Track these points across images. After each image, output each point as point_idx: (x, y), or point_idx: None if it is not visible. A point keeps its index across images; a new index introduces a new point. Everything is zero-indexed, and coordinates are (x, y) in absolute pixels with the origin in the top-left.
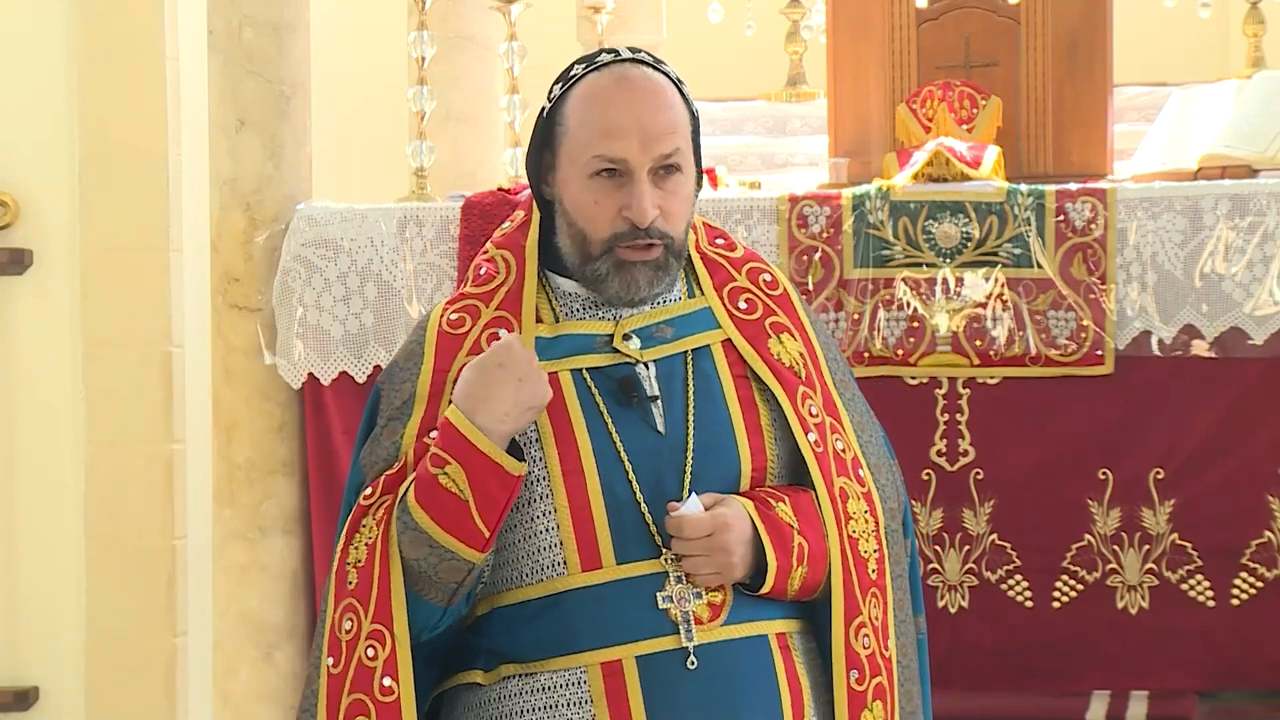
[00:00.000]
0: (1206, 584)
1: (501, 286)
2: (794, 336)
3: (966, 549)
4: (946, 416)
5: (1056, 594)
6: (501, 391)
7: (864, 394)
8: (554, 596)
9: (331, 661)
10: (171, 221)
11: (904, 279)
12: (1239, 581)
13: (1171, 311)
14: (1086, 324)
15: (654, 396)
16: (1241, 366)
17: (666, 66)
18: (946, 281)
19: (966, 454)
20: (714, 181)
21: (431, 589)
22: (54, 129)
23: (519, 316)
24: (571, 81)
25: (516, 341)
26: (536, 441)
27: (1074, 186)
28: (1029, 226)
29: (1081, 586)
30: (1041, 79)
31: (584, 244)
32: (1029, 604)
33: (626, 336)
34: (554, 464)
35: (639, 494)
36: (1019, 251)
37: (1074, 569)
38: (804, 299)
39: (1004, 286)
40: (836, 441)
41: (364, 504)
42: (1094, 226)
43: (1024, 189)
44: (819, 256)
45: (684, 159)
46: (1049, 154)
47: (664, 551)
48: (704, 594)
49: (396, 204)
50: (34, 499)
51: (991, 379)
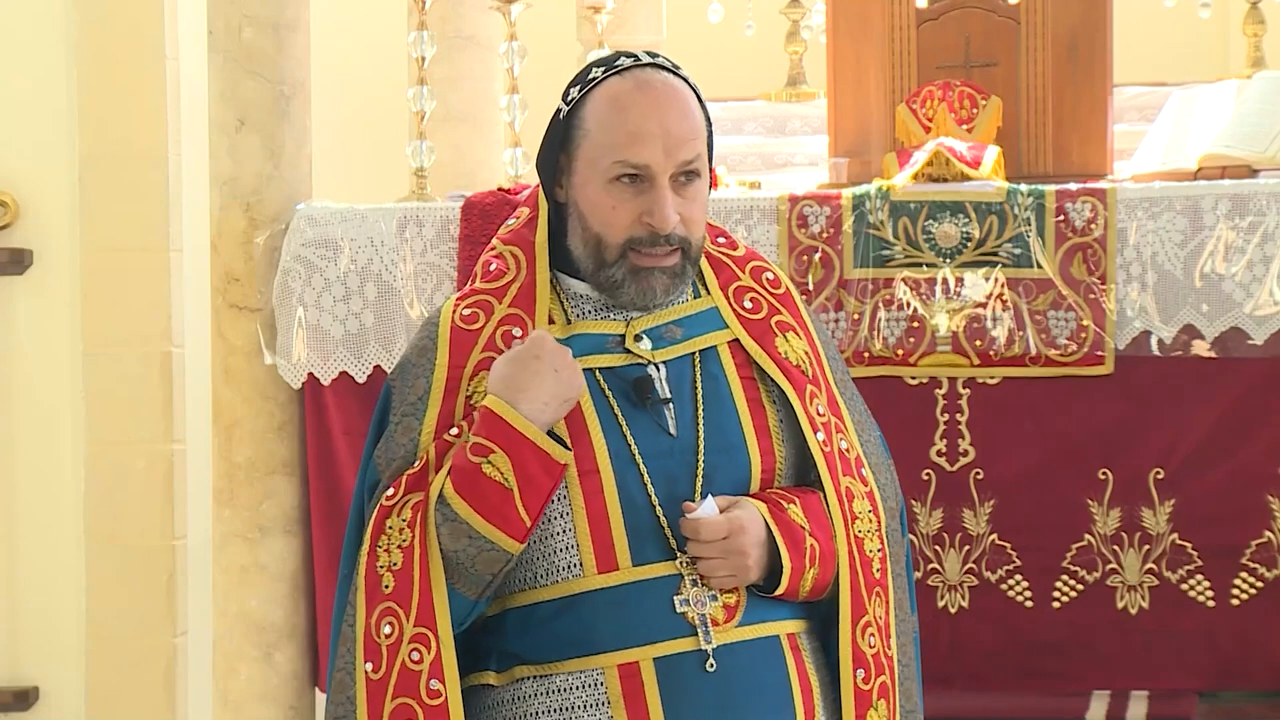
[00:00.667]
0: (1206, 584)
1: (513, 283)
2: (798, 335)
3: (966, 549)
4: (946, 416)
5: (1056, 594)
6: (540, 381)
7: (864, 394)
8: (570, 598)
9: (370, 667)
10: (171, 221)
11: (904, 279)
12: (1239, 581)
13: (1171, 311)
14: (1086, 324)
15: (667, 399)
16: (1241, 366)
17: (683, 71)
18: (946, 281)
19: (966, 454)
20: (715, 182)
21: (465, 582)
22: (54, 129)
23: (532, 315)
24: (590, 85)
25: (549, 335)
26: None
27: (1074, 186)
28: (1029, 226)
29: (1081, 586)
30: (1041, 79)
31: (599, 248)
32: (1029, 604)
33: (637, 337)
34: (570, 465)
35: (654, 496)
36: (1019, 251)
37: (1074, 569)
38: (803, 298)
39: (1004, 286)
40: (841, 441)
41: (387, 504)
42: (1094, 226)
43: (1024, 189)
44: (819, 256)
45: (703, 165)
46: (1049, 154)
47: (679, 554)
48: (719, 596)
49: (396, 204)
50: (34, 499)
51: (991, 379)
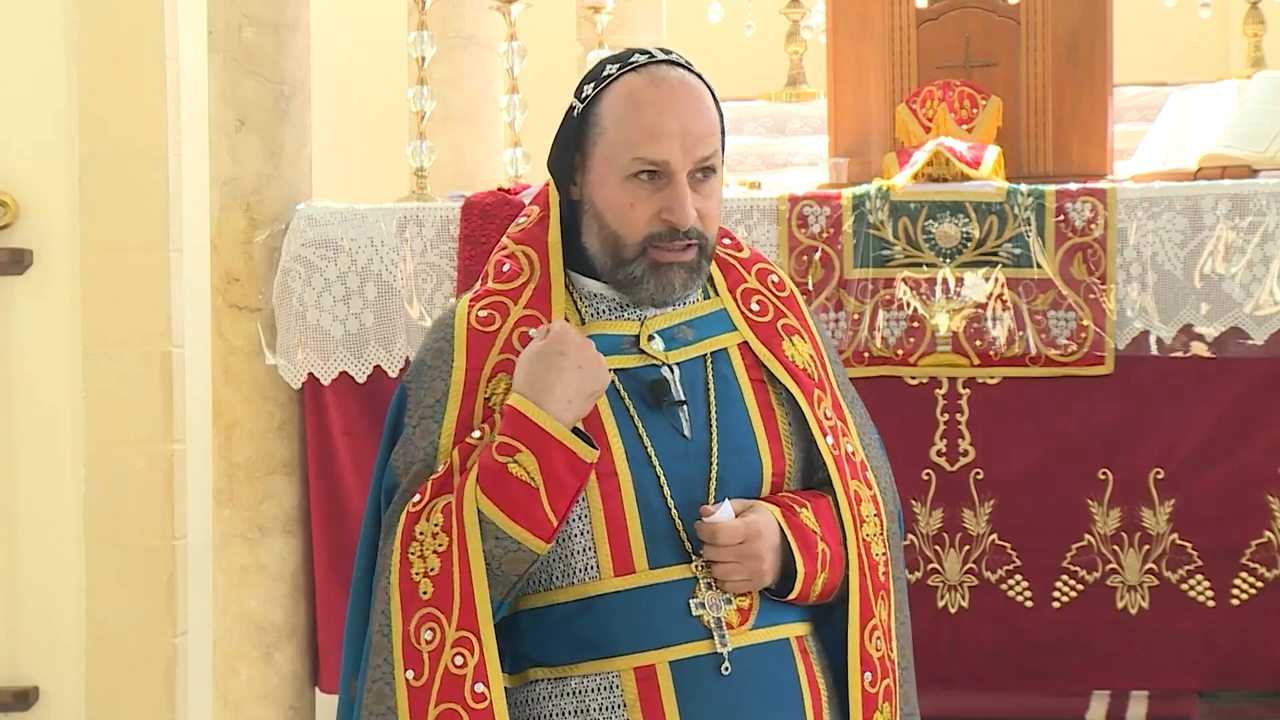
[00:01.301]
0: (1206, 584)
1: (528, 284)
2: (804, 339)
3: (966, 549)
4: (946, 416)
5: (1056, 594)
6: (564, 379)
7: (864, 394)
8: (586, 600)
9: (412, 674)
10: (171, 221)
11: (904, 279)
12: (1239, 581)
13: (1171, 311)
14: (1086, 324)
15: (681, 401)
16: (1241, 366)
17: (696, 68)
18: (946, 281)
19: (966, 454)
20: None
21: (491, 584)
22: (54, 129)
23: (548, 316)
24: (605, 81)
25: (571, 329)
26: None
27: (1074, 186)
28: (1029, 226)
29: (1081, 586)
30: (1041, 79)
31: (617, 246)
32: (1029, 604)
33: (650, 338)
34: None
35: (670, 499)
36: (1019, 251)
37: (1074, 569)
38: (805, 301)
39: (1004, 286)
40: (847, 444)
41: (414, 510)
42: (1094, 226)
43: (1024, 189)
44: (819, 256)
45: (719, 161)
46: (1049, 154)
47: (695, 557)
48: (733, 599)
49: (396, 204)
50: (34, 499)
51: (991, 379)
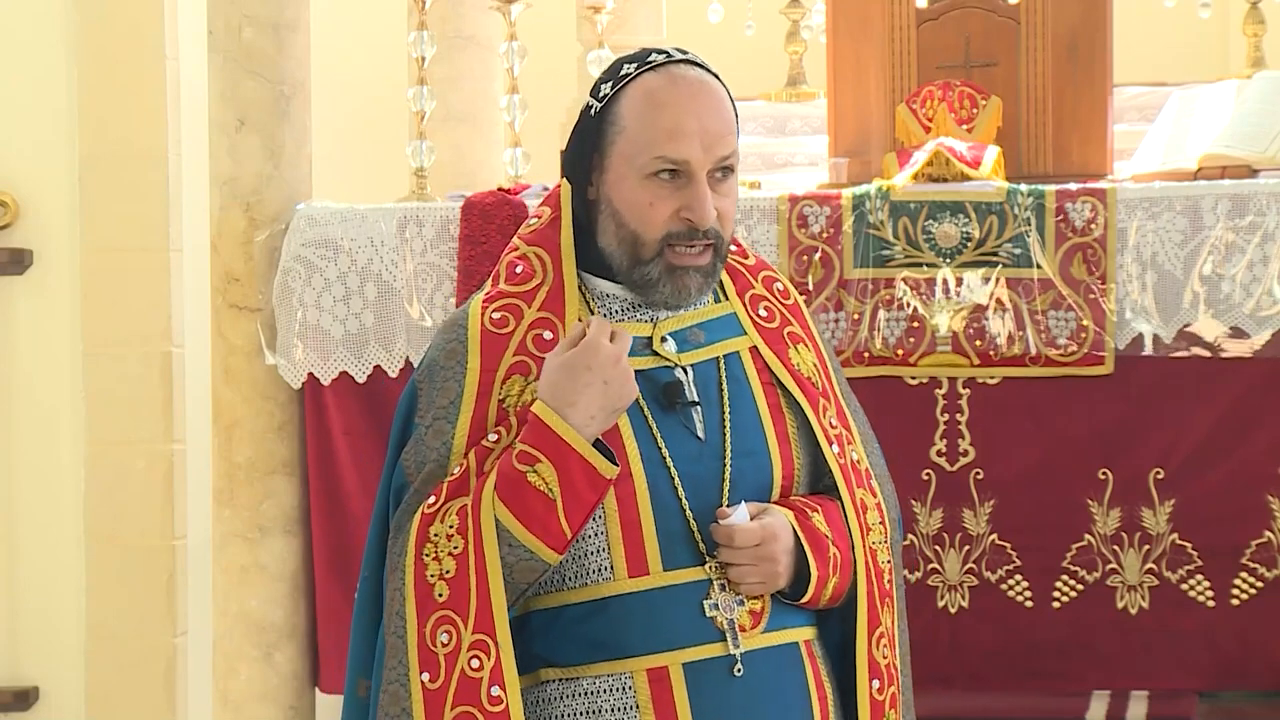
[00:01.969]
0: (1206, 584)
1: (541, 286)
2: (808, 347)
3: (966, 549)
4: (946, 416)
5: (1056, 594)
6: (589, 394)
7: (864, 394)
8: (599, 601)
9: (428, 677)
10: (171, 221)
11: (904, 279)
12: (1239, 581)
13: (1171, 311)
14: (1086, 324)
15: (695, 402)
16: (1241, 367)
17: (712, 67)
18: (946, 281)
19: (966, 454)
20: None
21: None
22: (54, 129)
23: (562, 318)
24: (624, 81)
25: (604, 343)
26: None
27: (1074, 186)
28: (1029, 226)
29: (1081, 586)
30: (1041, 79)
31: (635, 245)
32: (1029, 604)
33: (663, 339)
34: None
35: (684, 501)
36: (1019, 251)
37: (1074, 569)
38: (806, 306)
39: (1004, 286)
40: (852, 453)
41: (429, 512)
42: (1094, 226)
43: (1024, 189)
44: (819, 256)
45: (736, 161)
46: (1049, 154)
47: (709, 559)
48: (745, 601)
49: (396, 204)
50: (34, 499)
51: (991, 379)
